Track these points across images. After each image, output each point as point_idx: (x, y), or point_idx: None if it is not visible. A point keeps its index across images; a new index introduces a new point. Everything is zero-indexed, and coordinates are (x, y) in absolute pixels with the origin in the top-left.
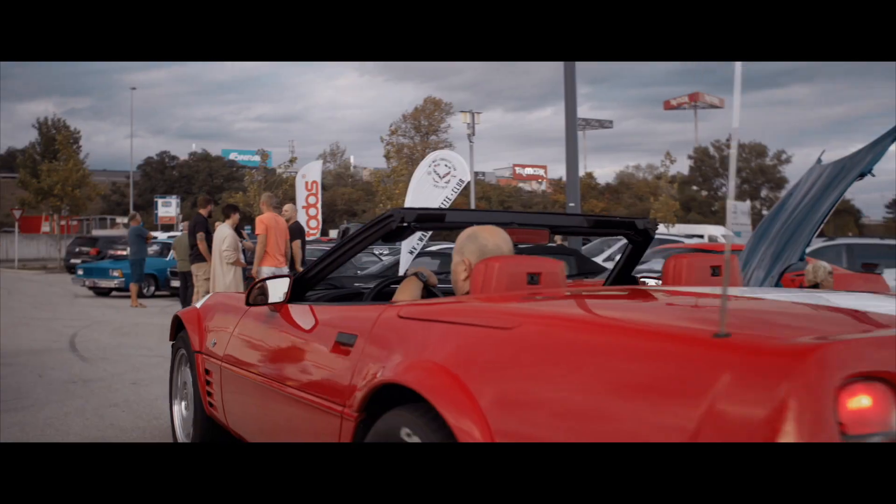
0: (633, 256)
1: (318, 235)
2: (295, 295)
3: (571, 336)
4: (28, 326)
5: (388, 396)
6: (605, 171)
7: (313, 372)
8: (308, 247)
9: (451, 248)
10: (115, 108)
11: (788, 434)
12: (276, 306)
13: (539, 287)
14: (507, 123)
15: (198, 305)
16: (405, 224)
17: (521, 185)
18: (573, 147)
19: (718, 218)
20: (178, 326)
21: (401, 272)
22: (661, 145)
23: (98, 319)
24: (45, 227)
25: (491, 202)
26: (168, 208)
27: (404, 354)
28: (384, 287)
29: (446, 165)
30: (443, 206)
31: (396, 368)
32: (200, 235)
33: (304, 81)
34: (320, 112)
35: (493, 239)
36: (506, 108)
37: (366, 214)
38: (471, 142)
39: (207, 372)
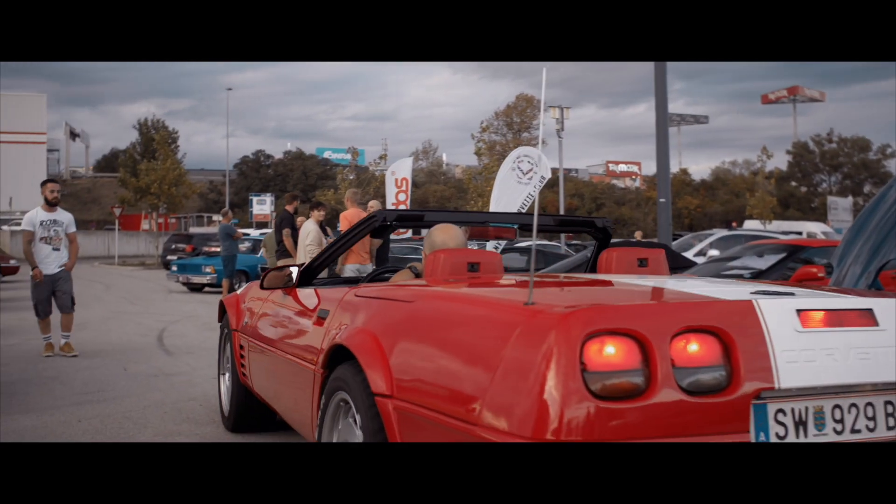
0: (599, 250)
1: (409, 234)
2: (302, 281)
3: (443, 305)
4: (120, 320)
5: (341, 356)
6: (700, 167)
7: (302, 340)
8: (394, 244)
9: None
10: (214, 108)
11: (552, 369)
12: (287, 290)
13: (478, 273)
14: (600, 120)
15: (238, 292)
16: (387, 223)
17: (614, 181)
18: (664, 143)
19: (818, 214)
20: (223, 310)
21: None
22: (759, 140)
23: (188, 314)
24: (145, 225)
25: (584, 199)
26: (262, 206)
27: (352, 323)
28: (379, 275)
29: (529, 162)
30: (525, 203)
31: (344, 334)
32: (286, 231)
33: (397, 80)
34: (413, 110)
35: (442, 236)
36: (599, 104)
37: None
38: (560, 137)
39: (241, 347)
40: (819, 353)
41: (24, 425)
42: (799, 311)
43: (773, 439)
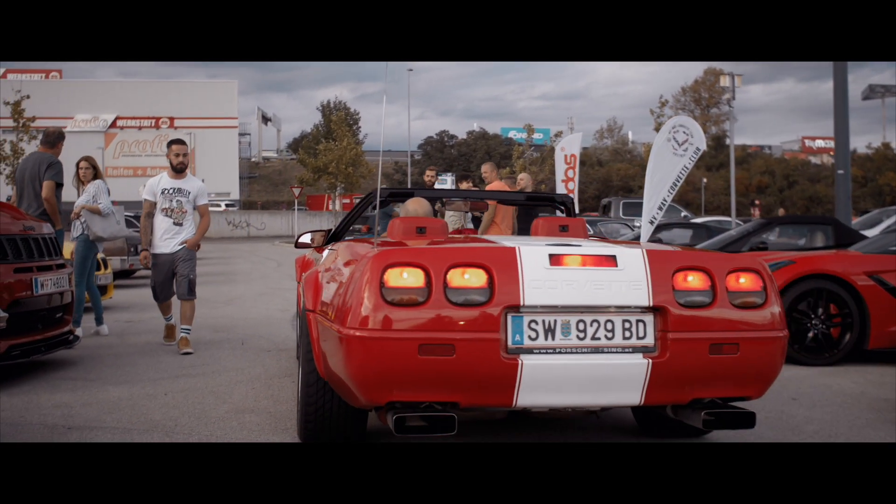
0: None
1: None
2: (328, 242)
3: (345, 251)
4: (272, 296)
5: None
6: None
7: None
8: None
9: (702, 222)
10: (403, 91)
11: (365, 288)
12: (317, 249)
13: (424, 235)
14: (798, 94)
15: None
16: (382, 199)
17: (810, 158)
18: (843, 113)
19: None
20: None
21: (642, 241)
22: None
23: None
24: (330, 205)
25: (775, 176)
26: (443, 185)
27: (314, 265)
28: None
29: (685, 132)
30: (681, 176)
31: (306, 273)
32: None
33: None
34: (602, 89)
35: (411, 206)
36: (797, 77)
37: (641, 191)
38: (730, 107)
39: (300, 294)
40: (560, 283)
41: (108, 396)
42: (551, 255)
43: (527, 341)
